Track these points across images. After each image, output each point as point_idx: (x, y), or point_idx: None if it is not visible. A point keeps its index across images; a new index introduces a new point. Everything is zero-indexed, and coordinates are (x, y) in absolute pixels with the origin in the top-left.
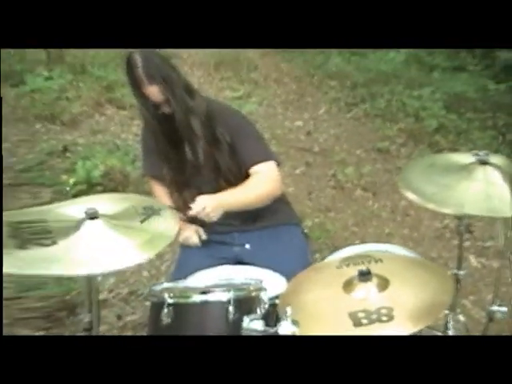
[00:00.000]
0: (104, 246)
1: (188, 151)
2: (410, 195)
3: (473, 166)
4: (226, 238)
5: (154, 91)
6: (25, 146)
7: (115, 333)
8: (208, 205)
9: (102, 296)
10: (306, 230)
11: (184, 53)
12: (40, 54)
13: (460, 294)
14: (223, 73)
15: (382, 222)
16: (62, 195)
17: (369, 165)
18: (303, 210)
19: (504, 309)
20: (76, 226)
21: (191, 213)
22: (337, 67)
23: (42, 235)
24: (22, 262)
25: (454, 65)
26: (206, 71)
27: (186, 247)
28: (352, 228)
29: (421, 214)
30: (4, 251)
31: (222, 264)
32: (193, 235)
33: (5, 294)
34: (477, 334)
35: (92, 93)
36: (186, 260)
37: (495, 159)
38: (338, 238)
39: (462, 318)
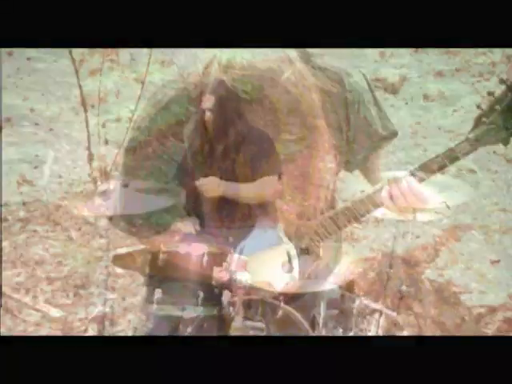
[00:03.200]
0: None
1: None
2: None
3: None
4: (214, 231)
5: (209, 98)
6: None
7: None
8: (210, 183)
9: None
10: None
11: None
12: None
13: None
14: (292, 118)
15: None
16: None
17: None
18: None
19: (409, 289)
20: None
21: (195, 183)
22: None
23: None
24: None
25: None
26: (276, 116)
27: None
28: None
29: None
30: None
31: None
32: (188, 225)
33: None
34: None
35: None
36: None
37: None
38: None
39: None
